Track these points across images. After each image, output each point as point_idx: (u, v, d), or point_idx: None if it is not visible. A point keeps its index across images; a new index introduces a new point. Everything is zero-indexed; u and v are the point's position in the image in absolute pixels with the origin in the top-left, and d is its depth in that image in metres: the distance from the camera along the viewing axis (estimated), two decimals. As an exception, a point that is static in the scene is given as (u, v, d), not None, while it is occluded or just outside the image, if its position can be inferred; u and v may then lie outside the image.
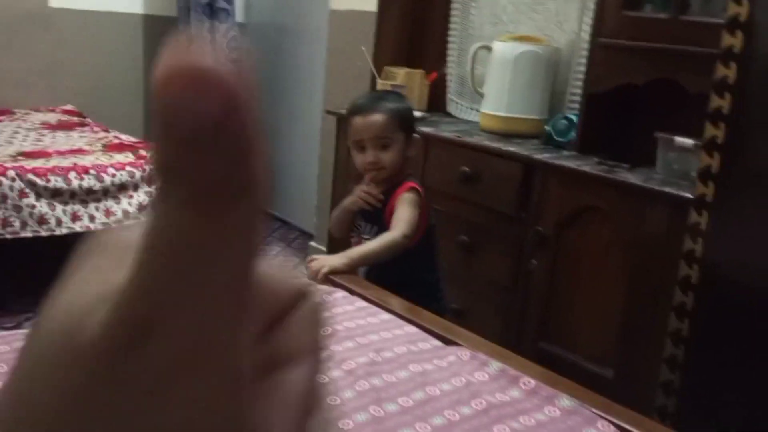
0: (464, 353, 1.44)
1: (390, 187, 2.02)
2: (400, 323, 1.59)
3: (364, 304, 1.69)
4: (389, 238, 1.93)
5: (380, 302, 1.71)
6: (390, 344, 1.47)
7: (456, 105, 3.04)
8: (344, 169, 2.97)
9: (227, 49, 0.20)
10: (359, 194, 2.04)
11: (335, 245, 3.04)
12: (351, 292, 1.76)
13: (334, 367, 1.35)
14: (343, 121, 2.97)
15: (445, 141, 2.53)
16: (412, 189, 2.00)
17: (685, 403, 1.79)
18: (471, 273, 2.48)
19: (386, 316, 1.63)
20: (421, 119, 2.78)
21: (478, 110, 2.80)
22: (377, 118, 1.96)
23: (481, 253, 2.44)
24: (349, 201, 2.09)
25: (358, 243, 2.06)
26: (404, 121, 2.00)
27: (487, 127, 2.63)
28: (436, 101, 3.09)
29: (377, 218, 2.03)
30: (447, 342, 1.52)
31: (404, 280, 1.91)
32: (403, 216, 1.96)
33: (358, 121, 1.99)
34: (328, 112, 3.10)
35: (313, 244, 3.73)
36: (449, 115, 3.05)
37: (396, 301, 1.76)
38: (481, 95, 2.68)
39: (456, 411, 1.22)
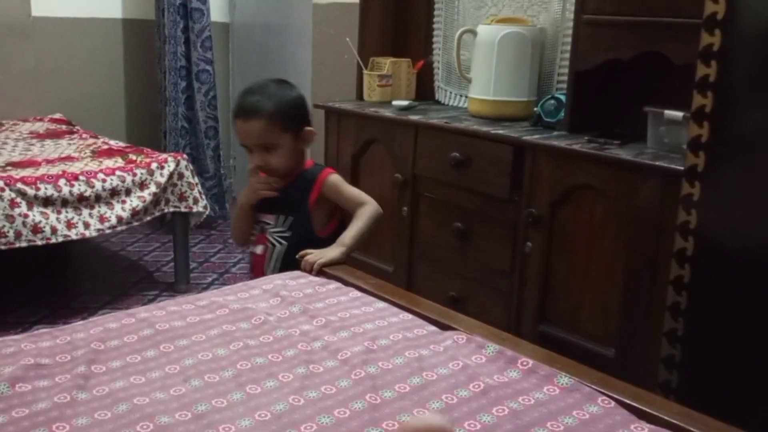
0: (460, 337, 1.43)
1: (306, 178, 1.98)
2: (395, 311, 1.58)
3: (358, 294, 1.68)
4: (371, 211, 1.93)
5: (375, 291, 1.70)
6: (385, 332, 1.45)
7: (444, 92, 3.02)
8: (335, 164, 2.95)
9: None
10: (255, 186, 1.97)
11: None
12: (345, 282, 1.75)
13: (328, 357, 1.33)
14: (332, 115, 2.95)
15: (435, 128, 2.51)
16: (332, 173, 2.00)
17: (687, 376, 1.77)
18: (467, 259, 2.46)
19: (381, 304, 1.62)
20: (410, 108, 2.76)
21: (466, 96, 2.78)
22: (255, 125, 1.87)
23: (475, 239, 2.42)
24: (245, 196, 2.01)
25: (263, 240, 2.00)
26: (289, 120, 1.90)
27: (475, 111, 2.61)
28: (424, 89, 3.07)
29: (296, 209, 1.97)
30: (443, 327, 1.50)
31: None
32: (355, 192, 2.00)
33: (239, 125, 1.92)
34: (316, 106, 3.08)
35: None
36: (438, 102, 3.03)
37: (391, 290, 1.74)
38: (468, 80, 2.66)
39: (454, 394, 1.20)
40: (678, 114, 2.02)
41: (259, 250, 2.02)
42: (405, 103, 2.79)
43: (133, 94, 4.45)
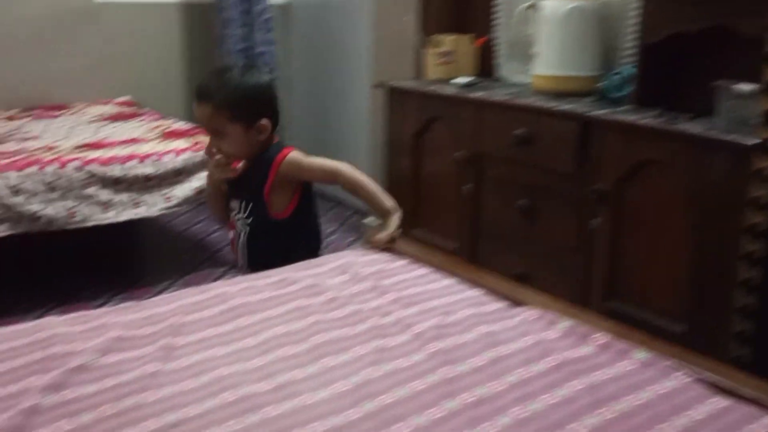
0: (532, 313, 1.43)
1: (263, 162, 1.91)
2: (462, 287, 1.59)
3: (424, 270, 1.69)
4: (355, 171, 1.89)
5: (443, 267, 1.71)
6: (455, 308, 1.47)
7: (506, 68, 2.99)
8: (397, 143, 2.96)
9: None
10: (211, 170, 1.97)
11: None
12: (413, 259, 1.76)
13: (400, 332, 1.35)
14: (393, 94, 2.96)
15: (498, 105, 2.50)
16: (293, 152, 1.92)
17: (760, 351, 1.74)
18: (532, 237, 2.45)
19: (449, 281, 1.63)
20: (471, 85, 2.75)
21: (528, 72, 2.76)
22: (204, 110, 1.85)
23: (541, 216, 2.41)
24: (207, 181, 2.04)
25: (233, 226, 1.99)
26: (238, 111, 1.84)
27: (539, 87, 2.58)
28: (485, 66, 3.05)
29: (253, 194, 1.92)
30: (513, 303, 1.51)
31: (289, 254, 1.80)
32: (321, 164, 1.92)
33: (194, 106, 1.89)
34: (376, 86, 3.09)
35: (367, 221, 3.73)
36: (499, 79, 3.01)
37: (459, 266, 1.75)
38: (532, 56, 2.63)
39: (528, 369, 1.21)
40: (748, 88, 1.97)
41: (231, 235, 2.03)
42: (467, 80, 2.77)
43: (194, 78, 4.53)
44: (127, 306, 1.48)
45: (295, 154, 1.93)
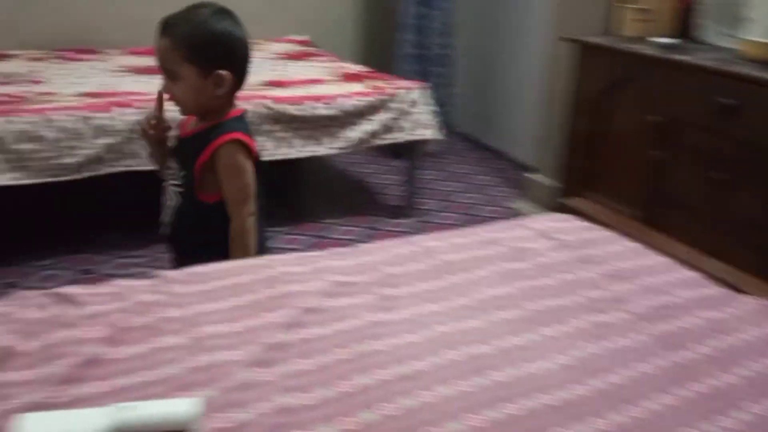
0: (760, 302, 1.35)
1: (210, 133, 1.68)
2: (675, 266, 1.52)
3: (631, 244, 1.63)
4: (237, 231, 1.67)
5: (648, 243, 1.64)
6: (671, 288, 1.41)
7: (709, 31, 2.80)
8: (580, 100, 2.85)
9: None
10: (143, 122, 1.76)
11: (569, 180, 2.96)
12: (613, 230, 1.71)
13: (616, 307, 1.31)
14: (580, 48, 2.84)
15: (703, 69, 2.34)
16: (235, 141, 1.66)
17: None
18: (724, 212, 2.31)
19: (659, 257, 1.56)
20: (672, 46, 2.59)
21: (736, 36, 2.56)
22: (162, 44, 1.64)
23: (738, 191, 2.26)
24: (139, 128, 1.82)
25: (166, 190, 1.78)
26: (196, 52, 1.62)
27: (750, 55, 2.39)
28: (686, 27, 2.85)
29: (189, 163, 1.70)
30: (732, 289, 1.43)
31: (211, 244, 1.64)
32: (242, 187, 1.68)
33: (155, 40, 1.67)
34: (561, 39, 2.97)
35: (528, 175, 3.65)
36: (700, 42, 2.82)
37: (665, 243, 1.68)
38: (743, 20, 2.44)
39: (765, 364, 1.14)
40: None
41: (165, 200, 1.80)
42: (666, 40, 2.61)
43: (368, 19, 4.55)
44: (337, 251, 1.51)
45: (230, 159, 1.67)
